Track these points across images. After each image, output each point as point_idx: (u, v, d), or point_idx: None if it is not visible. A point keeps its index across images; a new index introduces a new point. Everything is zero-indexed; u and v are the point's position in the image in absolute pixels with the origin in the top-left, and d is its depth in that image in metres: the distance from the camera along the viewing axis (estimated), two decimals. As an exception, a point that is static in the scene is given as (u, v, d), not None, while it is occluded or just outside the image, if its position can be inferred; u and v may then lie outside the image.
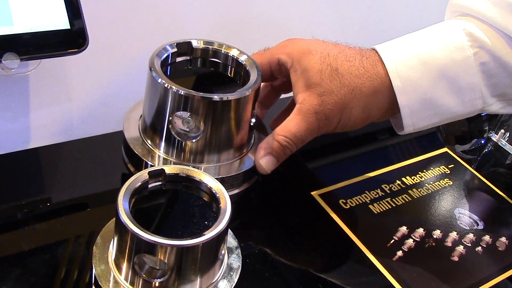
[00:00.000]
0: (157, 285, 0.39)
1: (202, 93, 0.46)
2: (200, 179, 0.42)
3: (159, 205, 0.43)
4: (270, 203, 0.55)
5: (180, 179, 0.43)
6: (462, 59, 0.48)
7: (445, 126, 0.71)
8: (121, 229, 0.38)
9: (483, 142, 0.71)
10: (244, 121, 0.50)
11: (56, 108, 0.59)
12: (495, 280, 0.50)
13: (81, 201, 0.51)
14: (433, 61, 0.49)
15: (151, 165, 0.49)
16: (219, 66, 0.54)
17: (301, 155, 0.50)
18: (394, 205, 0.56)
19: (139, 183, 0.41)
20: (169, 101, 0.47)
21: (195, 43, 0.53)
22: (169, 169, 0.43)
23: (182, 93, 0.46)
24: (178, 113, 0.48)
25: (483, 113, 0.76)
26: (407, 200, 0.57)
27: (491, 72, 0.49)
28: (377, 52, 0.50)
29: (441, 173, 0.63)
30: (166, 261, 0.38)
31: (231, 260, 0.44)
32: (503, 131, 0.70)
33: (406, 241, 0.52)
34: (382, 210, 0.55)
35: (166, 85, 0.46)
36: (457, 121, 0.53)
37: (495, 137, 0.71)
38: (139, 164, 0.50)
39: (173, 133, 0.48)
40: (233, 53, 0.53)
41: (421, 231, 0.54)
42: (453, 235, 0.54)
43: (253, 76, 0.50)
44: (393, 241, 0.52)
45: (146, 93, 0.50)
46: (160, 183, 0.42)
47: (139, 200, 0.41)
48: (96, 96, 0.61)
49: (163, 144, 0.50)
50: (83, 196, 0.51)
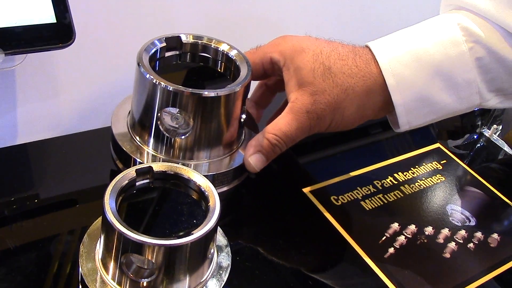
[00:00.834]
0: (144, 284, 0.38)
1: (191, 89, 0.45)
2: (188, 177, 0.42)
3: (147, 204, 0.42)
4: (260, 200, 0.54)
5: (168, 176, 0.42)
6: (457, 55, 0.48)
7: (437, 122, 0.71)
8: (107, 228, 0.37)
9: (475, 137, 0.71)
10: (234, 117, 0.49)
11: (43, 103, 0.58)
12: (487, 277, 0.50)
13: (69, 198, 0.50)
14: (428, 57, 0.48)
15: (140, 162, 0.48)
16: (209, 61, 0.53)
17: (292, 151, 0.49)
18: (386, 202, 0.56)
19: (126, 181, 0.40)
20: (158, 97, 0.46)
21: (184, 38, 0.52)
22: (157, 167, 0.42)
23: (170, 89, 0.45)
24: (167, 109, 0.47)
25: (475, 108, 0.75)
26: (399, 196, 0.57)
27: (487, 67, 0.48)
28: (370, 49, 0.49)
29: (433, 169, 0.62)
30: (153, 261, 0.37)
31: (221, 258, 0.43)
32: (495, 126, 0.70)
33: (398, 238, 0.52)
34: (374, 206, 0.55)
35: (154, 81, 0.45)
36: (449, 118, 0.53)
37: (487, 132, 0.71)
38: (128, 161, 0.49)
39: (162, 129, 0.48)
40: (223, 47, 0.52)
41: (413, 227, 0.53)
42: (445, 231, 0.54)
43: (243, 71, 0.49)
44: (385, 237, 0.52)
45: (134, 88, 0.49)
46: (148, 181, 0.42)
47: (126, 198, 0.40)
48: (84, 91, 0.60)
49: (151, 140, 0.49)
50: (71, 193, 0.50)
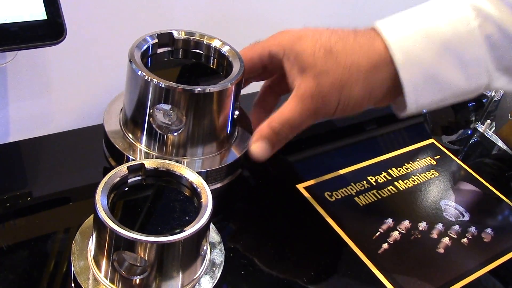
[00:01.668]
0: (137, 282, 0.38)
1: (183, 85, 0.45)
2: (180, 173, 0.42)
3: (139, 201, 0.42)
4: (254, 196, 0.54)
5: (160, 173, 0.42)
6: (466, 31, 0.46)
7: (431, 116, 0.71)
8: (99, 225, 0.37)
9: (469, 132, 0.71)
10: (227, 113, 0.49)
11: (35, 101, 0.58)
12: (481, 271, 0.50)
13: (61, 196, 0.50)
14: (437, 34, 0.46)
15: (133, 159, 0.48)
16: (201, 57, 0.53)
17: (285, 147, 0.49)
18: (379, 197, 0.56)
19: (118, 178, 0.40)
20: (150, 94, 0.46)
21: (176, 34, 0.52)
22: (149, 163, 0.42)
23: (162, 86, 0.45)
24: (159, 106, 0.47)
25: (469, 104, 0.75)
26: (393, 192, 0.57)
27: (497, 44, 0.47)
28: (375, 28, 0.47)
29: (427, 164, 0.62)
30: (146, 258, 0.37)
31: (214, 255, 0.43)
32: (489, 121, 0.70)
33: (391, 233, 0.52)
34: (367, 202, 0.55)
35: (146, 78, 0.45)
36: (444, 111, 0.53)
37: (481, 128, 0.71)
38: (120, 158, 0.49)
39: (154, 126, 0.47)
40: (216, 44, 0.52)
41: (406, 223, 0.53)
42: (439, 226, 0.54)
43: (236, 67, 0.49)
44: (379, 233, 0.52)
45: (126, 85, 0.49)
46: (140, 177, 0.42)
47: (118, 195, 0.40)
48: (76, 88, 0.60)
49: (144, 137, 0.49)
50: (63, 190, 0.50)
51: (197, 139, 0.49)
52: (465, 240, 0.53)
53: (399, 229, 0.52)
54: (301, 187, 0.55)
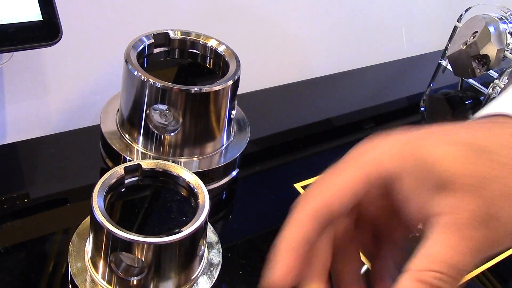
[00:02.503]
0: (135, 283, 0.38)
1: (179, 85, 0.45)
2: (177, 174, 0.41)
3: (136, 201, 0.42)
4: (252, 196, 0.54)
5: (157, 174, 0.42)
6: None
7: (429, 114, 0.71)
8: (96, 227, 0.37)
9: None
10: (223, 113, 0.49)
11: (31, 102, 0.58)
12: (481, 268, 0.50)
13: (58, 197, 0.50)
14: None
15: (129, 160, 0.48)
16: (197, 57, 0.53)
17: (283, 147, 0.49)
18: (377, 196, 0.56)
19: (115, 179, 0.40)
20: (146, 94, 0.46)
21: (172, 34, 0.51)
22: (146, 164, 0.41)
23: (159, 86, 0.45)
24: (155, 106, 0.47)
25: (467, 101, 0.75)
26: (390, 190, 0.57)
27: None
28: (508, 115, 0.32)
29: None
30: (143, 259, 0.37)
31: (212, 255, 0.43)
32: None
33: (389, 232, 0.52)
34: (365, 201, 0.55)
35: (142, 78, 0.45)
36: (441, 108, 0.53)
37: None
38: (117, 159, 0.49)
39: (151, 126, 0.47)
40: (212, 43, 0.52)
41: (404, 221, 0.53)
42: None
43: (232, 67, 0.49)
44: (377, 232, 0.51)
45: (122, 86, 0.49)
46: (136, 178, 0.41)
47: (115, 196, 0.40)
48: (72, 89, 0.59)
49: (141, 138, 0.49)
50: (60, 192, 0.50)
51: (194, 139, 0.48)
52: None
53: (397, 228, 0.52)
54: (298, 186, 0.55)
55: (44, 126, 0.59)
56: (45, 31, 0.46)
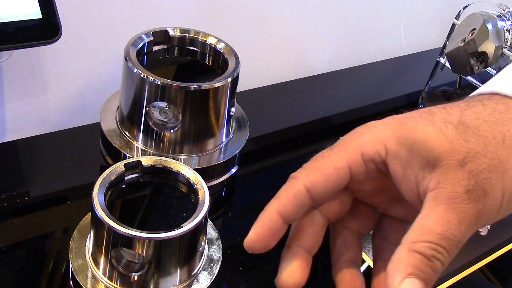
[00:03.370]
0: (135, 278, 0.38)
1: (179, 83, 0.45)
2: (177, 170, 0.42)
3: (136, 198, 0.42)
4: (252, 192, 0.54)
5: (157, 170, 0.42)
6: None
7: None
8: (97, 223, 0.37)
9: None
10: (223, 110, 0.49)
11: (31, 100, 0.58)
12: (477, 265, 0.50)
13: (58, 195, 0.50)
14: None
15: (130, 157, 0.48)
16: (196, 54, 0.53)
17: (282, 144, 0.49)
18: (376, 192, 0.56)
19: (115, 176, 0.40)
20: (146, 91, 0.46)
21: (171, 31, 0.52)
22: (146, 161, 0.42)
23: (158, 83, 0.45)
24: (155, 103, 0.47)
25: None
26: (389, 187, 0.57)
27: None
28: (497, 93, 0.34)
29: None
30: (144, 255, 0.37)
31: (212, 251, 0.43)
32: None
33: (388, 228, 0.52)
34: (364, 197, 0.55)
35: (142, 75, 0.45)
36: (437, 102, 0.52)
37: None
38: (117, 156, 0.49)
39: (150, 124, 0.47)
40: (211, 41, 0.52)
41: (403, 217, 0.53)
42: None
43: (232, 64, 0.49)
44: (376, 228, 0.52)
45: (122, 83, 0.49)
46: (136, 175, 0.42)
47: (116, 193, 0.40)
48: (72, 87, 0.60)
49: (141, 135, 0.49)
50: (60, 189, 0.50)
51: (193, 136, 0.49)
52: (461, 234, 0.53)
53: (396, 224, 0.52)
54: (298, 183, 0.55)
55: (44, 124, 0.59)
56: (44, 29, 0.46)
